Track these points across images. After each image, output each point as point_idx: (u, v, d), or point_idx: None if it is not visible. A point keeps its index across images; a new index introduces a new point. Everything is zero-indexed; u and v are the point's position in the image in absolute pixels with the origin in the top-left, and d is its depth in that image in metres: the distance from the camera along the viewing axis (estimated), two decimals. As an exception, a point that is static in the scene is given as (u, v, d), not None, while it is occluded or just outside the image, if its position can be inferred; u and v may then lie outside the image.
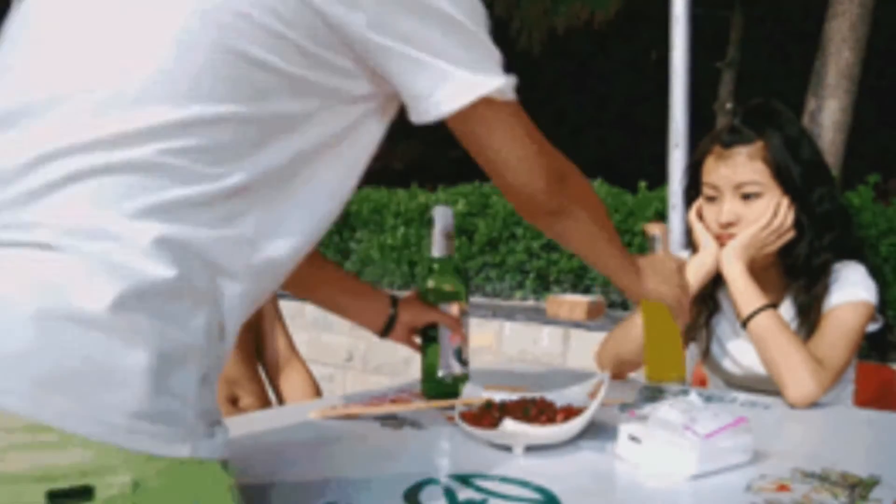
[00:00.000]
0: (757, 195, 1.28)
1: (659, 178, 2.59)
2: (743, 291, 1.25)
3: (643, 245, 2.82)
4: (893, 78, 8.42)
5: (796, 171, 1.28)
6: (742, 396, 1.24)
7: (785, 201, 1.28)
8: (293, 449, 0.90)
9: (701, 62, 2.29)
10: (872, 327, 1.30)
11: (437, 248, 1.08)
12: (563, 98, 11.96)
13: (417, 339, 1.13)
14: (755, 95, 1.43)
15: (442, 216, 1.08)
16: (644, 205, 2.89)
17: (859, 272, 1.29)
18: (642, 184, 3.08)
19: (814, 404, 1.17)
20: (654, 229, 1.20)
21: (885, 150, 8.27)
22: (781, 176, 1.28)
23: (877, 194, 2.50)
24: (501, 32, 7.94)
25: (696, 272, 1.30)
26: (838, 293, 1.27)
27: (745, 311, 1.25)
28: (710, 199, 1.33)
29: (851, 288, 1.26)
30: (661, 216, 2.68)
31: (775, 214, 1.27)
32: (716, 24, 7.58)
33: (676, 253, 1.35)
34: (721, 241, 1.31)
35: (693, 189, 1.40)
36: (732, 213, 1.29)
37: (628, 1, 6.93)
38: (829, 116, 3.87)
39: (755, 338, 1.24)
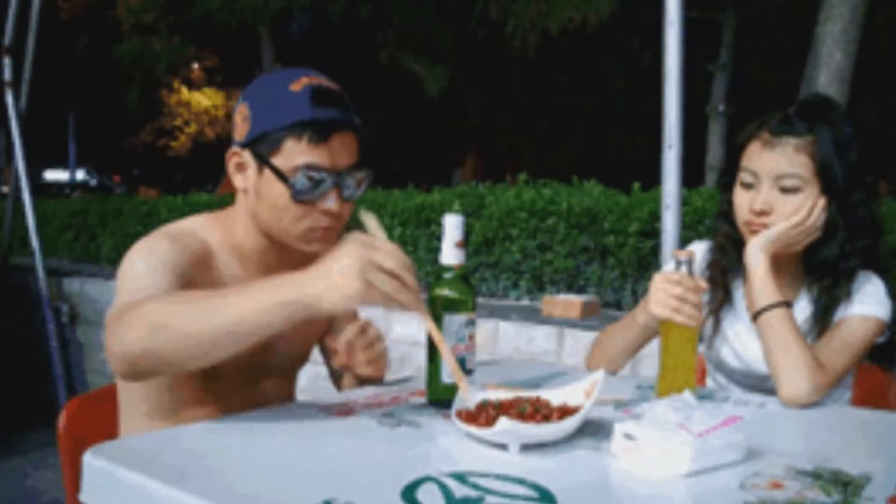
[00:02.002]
0: (795, 189, 1.25)
1: (653, 178, 2.60)
2: (762, 285, 1.24)
3: (637, 246, 2.83)
4: (885, 80, 8.47)
5: (840, 172, 1.25)
6: (736, 395, 1.25)
7: (822, 202, 1.25)
8: (291, 446, 0.90)
9: (693, 64, 2.30)
10: (878, 340, 1.30)
11: (447, 256, 1.07)
12: (558, 100, 11.98)
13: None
14: (747, 98, 1.44)
15: (451, 224, 1.07)
16: (638, 205, 2.90)
17: (878, 287, 1.28)
18: (636, 185, 3.09)
19: (808, 405, 1.17)
20: (681, 255, 1.19)
21: (877, 151, 8.31)
22: (824, 173, 1.25)
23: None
24: (496, 34, 7.95)
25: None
26: (853, 305, 1.26)
27: (760, 304, 1.24)
28: (746, 186, 1.30)
29: (867, 302, 1.26)
30: (655, 217, 2.69)
31: (809, 214, 1.25)
32: (708, 27, 7.62)
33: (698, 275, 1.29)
34: (750, 227, 1.29)
35: (729, 173, 1.36)
36: (767, 202, 1.26)
37: (622, 4, 6.95)
38: (821, 118, 3.89)
39: (763, 332, 1.23)
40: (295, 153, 1.07)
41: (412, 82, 10.99)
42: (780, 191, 1.26)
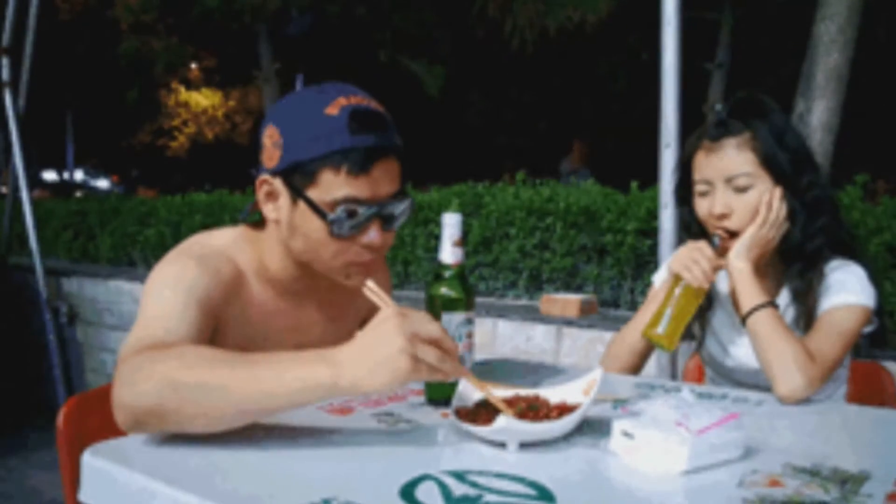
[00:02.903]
0: (748, 187, 1.29)
1: (650, 177, 2.61)
2: (746, 288, 1.27)
3: (635, 245, 2.84)
4: (882, 79, 8.48)
5: (784, 159, 1.29)
6: (733, 393, 1.25)
7: (777, 192, 1.29)
8: (290, 445, 0.91)
9: (691, 64, 2.30)
10: (868, 329, 1.31)
11: (445, 255, 1.07)
12: (556, 99, 11.99)
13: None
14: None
15: (450, 223, 1.07)
16: (635, 204, 2.90)
17: (859, 275, 1.30)
18: (634, 183, 3.10)
19: (804, 400, 1.18)
20: (718, 233, 1.32)
21: (874, 150, 8.33)
22: (770, 164, 1.29)
23: (864, 194, 2.52)
24: (494, 34, 7.96)
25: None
26: (838, 295, 1.28)
27: (746, 307, 1.26)
28: (703, 195, 1.34)
29: (849, 291, 1.28)
30: (653, 215, 2.69)
31: (769, 208, 1.28)
32: (705, 27, 7.63)
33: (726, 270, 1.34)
34: (716, 232, 1.33)
35: (682, 188, 1.41)
36: (725, 204, 1.30)
37: (620, 3, 6.96)
38: (817, 117, 3.89)
39: (752, 333, 1.25)
40: (333, 186, 0.98)
41: (411, 82, 11.01)
42: (734, 191, 1.30)
